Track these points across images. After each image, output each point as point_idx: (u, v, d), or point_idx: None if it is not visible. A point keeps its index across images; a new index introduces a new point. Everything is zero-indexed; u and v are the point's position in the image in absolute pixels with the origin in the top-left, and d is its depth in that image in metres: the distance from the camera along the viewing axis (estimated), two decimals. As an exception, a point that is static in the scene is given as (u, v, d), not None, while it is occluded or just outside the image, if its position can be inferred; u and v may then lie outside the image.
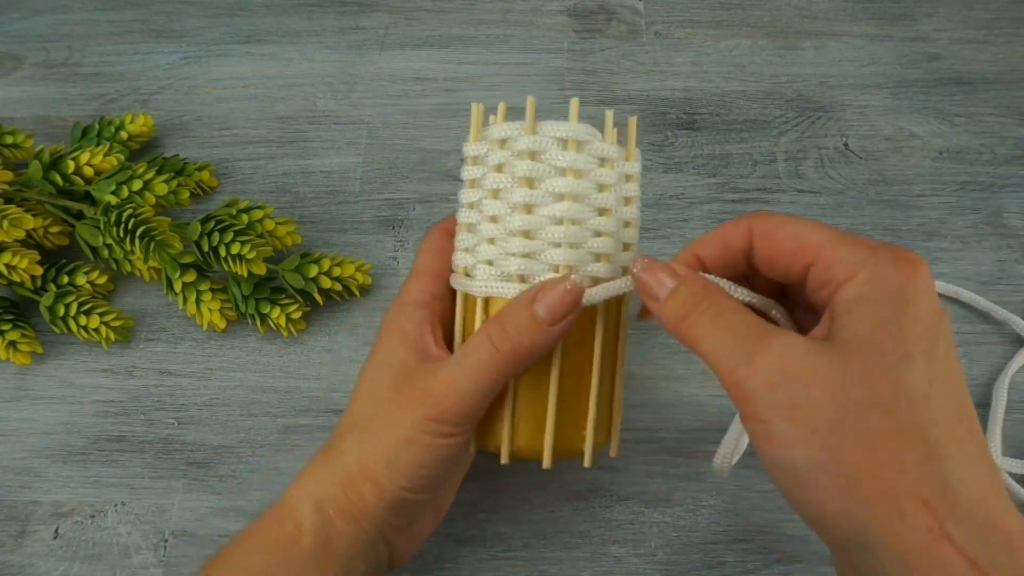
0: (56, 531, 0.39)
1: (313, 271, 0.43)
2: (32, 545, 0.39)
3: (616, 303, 0.32)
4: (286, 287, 0.44)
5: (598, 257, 0.30)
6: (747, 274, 0.30)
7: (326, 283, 0.43)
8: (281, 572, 0.29)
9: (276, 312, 0.43)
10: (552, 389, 0.30)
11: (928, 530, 0.22)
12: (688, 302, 0.27)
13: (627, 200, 0.31)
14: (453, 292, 0.33)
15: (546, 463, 0.31)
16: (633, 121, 0.32)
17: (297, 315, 0.43)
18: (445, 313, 0.33)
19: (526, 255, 0.30)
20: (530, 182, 0.30)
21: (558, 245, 0.30)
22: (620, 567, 0.37)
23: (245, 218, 0.44)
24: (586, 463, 0.31)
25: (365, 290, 0.46)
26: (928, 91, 0.53)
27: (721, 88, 0.54)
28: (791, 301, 0.31)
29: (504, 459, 0.31)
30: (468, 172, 0.32)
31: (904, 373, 0.23)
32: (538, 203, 0.30)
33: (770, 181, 0.49)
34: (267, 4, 0.60)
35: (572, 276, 0.29)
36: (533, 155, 0.30)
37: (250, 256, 0.41)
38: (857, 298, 0.24)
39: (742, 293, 0.28)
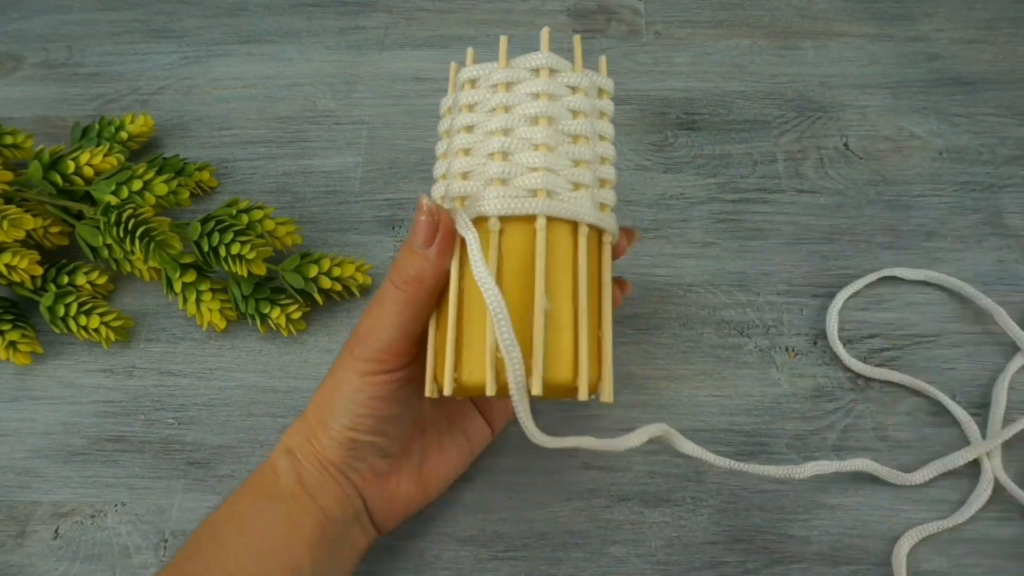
0: (56, 531, 0.39)
1: (313, 271, 0.43)
2: (32, 545, 0.39)
3: (596, 243, 0.31)
4: (286, 287, 0.44)
5: (576, 186, 0.30)
6: None
7: (326, 283, 0.43)
8: (264, 509, 0.33)
9: (276, 312, 0.43)
10: (539, 306, 0.28)
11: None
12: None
13: (602, 137, 0.32)
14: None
15: (535, 389, 0.28)
16: (603, 60, 0.33)
17: (297, 315, 0.43)
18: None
19: (503, 181, 0.30)
20: (505, 108, 0.30)
21: (535, 169, 0.30)
22: (620, 567, 0.37)
23: (245, 218, 0.44)
24: (581, 395, 0.29)
25: (365, 290, 0.46)
26: (928, 91, 0.53)
27: (721, 88, 0.54)
28: None
29: (490, 390, 0.28)
30: (442, 123, 0.33)
31: None
32: (514, 126, 0.30)
33: (770, 181, 0.49)
34: (267, 4, 0.60)
35: (422, 200, 0.30)
36: (508, 86, 0.31)
37: (250, 256, 0.41)
38: None
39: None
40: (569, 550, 0.38)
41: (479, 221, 0.30)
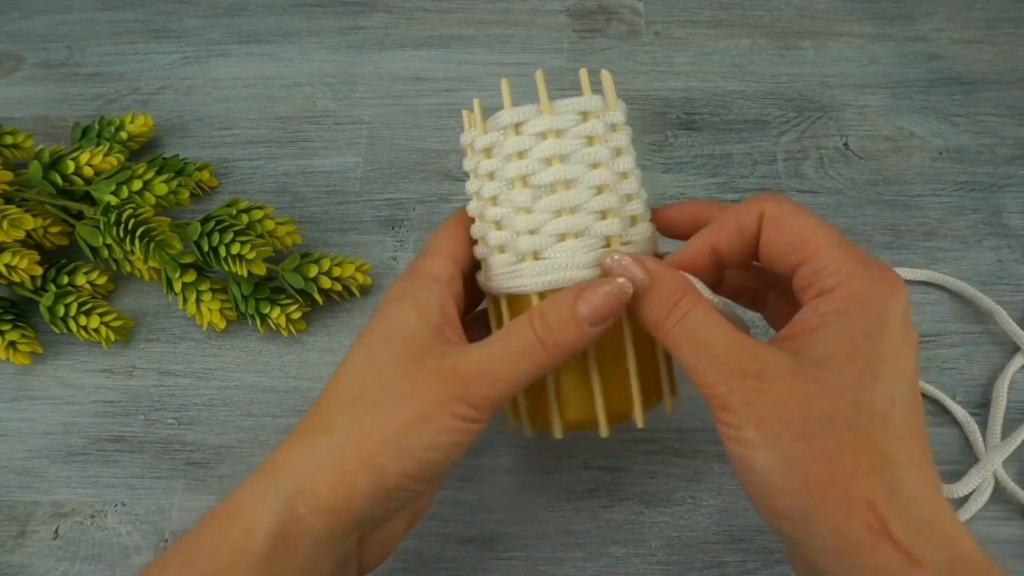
0: (56, 531, 0.39)
1: (313, 271, 0.43)
2: (32, 545, 0.39)
3: None
4: (286, 287, 0.44)
5: (603, 215, 0.30)
6: (750, 260, 0.30)
7: (326, 283, 0.43)
8: (227, 566, 0.25)
9: (276, 312, 0.43)
10: (592, 356, 0.30)
11: (869, 526, 0.24)
12: (658, 308, 0.28)
13: (624, 175, 0.31)
14: (466, 276, 0.32)
15: (603, 431, 0.31)
16: (607, 76, 0.32)
17: (297, 315, 0.43)
18: (459, 295, 0.31)
19: (532, 232, 0.30)
20: (523, 180, 0.30)
21: (558, 213, 0.30)
22: (620, 567, 0.37)
23: (245, 218, 0.44)
24: (639, 423, 0.31)
25: (365, 290, 0.46)
26: (928, 91, 0.53)
27: (721, 88, 0.54)
28: (766, 280, 0.33)
29: (557, 433, 0.31)
30: (469, 185, 0.33)
31: (869, 392, 0.25)
32: (534, 199, 0.30)
33: (770, 181, 0.49)
34: (267, 4, 0.60)
35: (620, 280, 0.28)
36: (521, 155, 0.30)
37: (250, 256, 0.41)
38: (836, 314, 0.26)
39: (707, 295, 0.29)
40: (569, 550, 0.38)
41: (518, 298, 0.31)
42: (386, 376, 0.27)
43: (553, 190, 0.30)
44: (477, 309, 0.35)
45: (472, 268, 0.33)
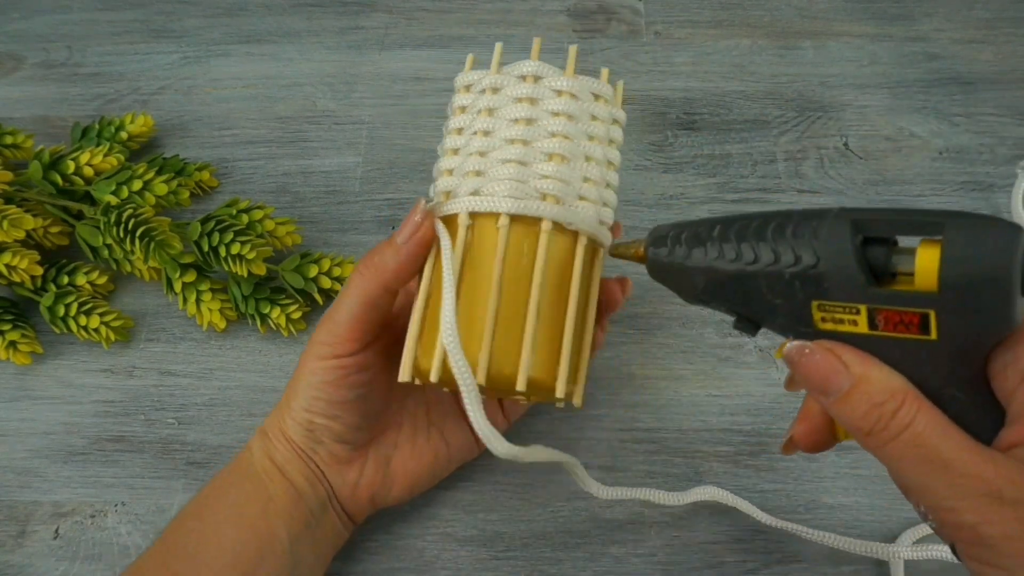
0: (56, 531, 0.39)
1: (313, 271, 0.43)
2: (32, 545, 0.39)
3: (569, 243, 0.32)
4: (286, 287, 0.44)
5: (582, 199, 0.32)
6: None
7: (326, 283, 0.43)
8: (240, 482, 0.35)
9: (276, 312, 0.43)
10: (533, 305, 0.30)
11: None
12: (870, 415, 0.23)
13: (609, 164, 0.33)
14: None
15: (479, 379, 0.29)
16: (620, 86, 0.35)
17: (297, 315, 0.43)
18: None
19: (519, 180, 0.31)
20: (528, 121, 0.31)
21: (547, 176, 0.31)
22: (620, 567, 0.37)
23: (245, 218, 0.44)
24: (558, 392, 0.30)
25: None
26: (928, 91, 0.53)
27: (721, 88, 0.54)
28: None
29: (433, 377, 0.30)
30: (453, 121, 0.33)
31: None
32: (533, 139, 0.31)
33: (770, 181, 0.49)
34: (267, 4, 0.60)
35: (422, 200, 0.31)
36: (532, 100, 0.32)
37: (250, 256, 0.41)
38: None
39: None
40: (569, 550, 0.38)
41: (451, 219, 0.31)
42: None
43: (552, 137, 0.31)
44: None
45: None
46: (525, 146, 0.31)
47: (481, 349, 0.29)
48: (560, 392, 0.30)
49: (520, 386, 0.29)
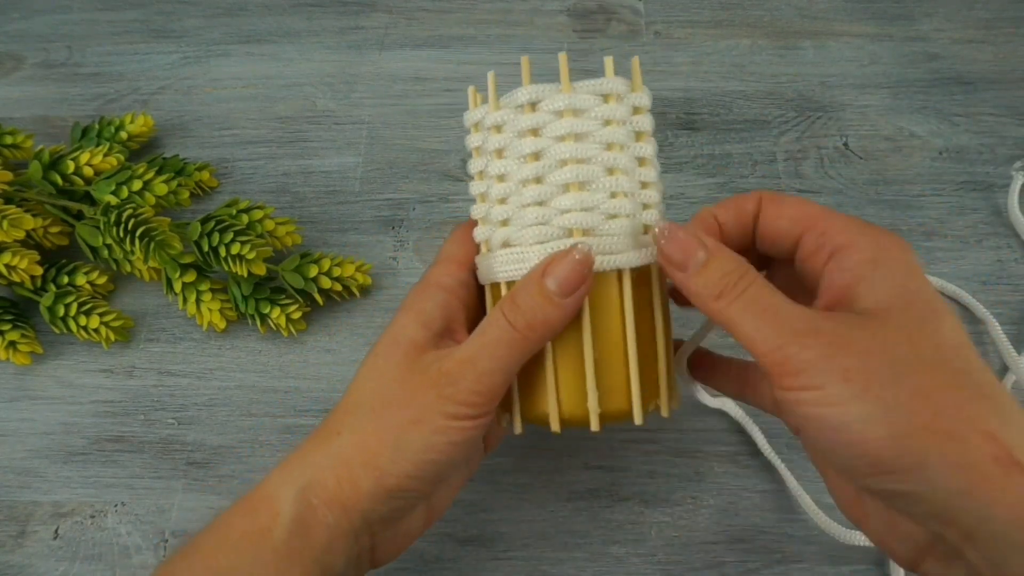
0: (56, 531, 0.39)
1: (313, 271, 0.43)
2: (32, 545, 0.39)
3: (646, 274, 0.31)
4: (286, 287, 0.44)
5: (614, 217, 0.30)
6: (747, 246, 0.30)
7: (326, 283, 0.43)
8: (250, 567, 0.27)
9: (276, 312, 0.43)
10: (588, 353, 0.29)
11: (994, 458, 0.22)
12: (721, 281, 0.27)
13: (641, 161, 0.31)
14: (474, 278, 0.32)
15: (594, 426, 0.29)
16: (636, 62, 0.32)
17: (297, 315, 0.43)
18: (470, 301, 0.32)
19: (541, 223, 0.30)
20: (535, 155, 0.30)
21: (567, 211, 0.29)
22: (620, 567, 0.37)
23: (245, 218, 0.44)
24: (636, 420, 0.30)
25: (365, 290, 0.46)
26: (928, 91, 0.53)
27: (721, 88, 0.54)
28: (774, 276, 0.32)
29: (555, 427, 0.30)
30: (473, 164, 0.32)
31: (939, 328, 0.24)
32: (545, 173, 0.30)
33: (770, 181, 0.49)
34: (267, 4, 0.60)
35: (579, 245, 0.28)
36: (535, 132, 0.30)
37: (250, 256, 0.41)
38: (866, 265, 0.26)
39: None
40: (569, 550, 0.38)
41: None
42: (386, 383, 0.29)
43: (563, 165, 0.30)
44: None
45: None
46: (540, 184, 0.30)
47: (589, 392, 0.29)
48: (638, 419, 0.30)
49: (594, 426, 0.30)
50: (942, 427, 0.23)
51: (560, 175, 0.29)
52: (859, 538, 0.36)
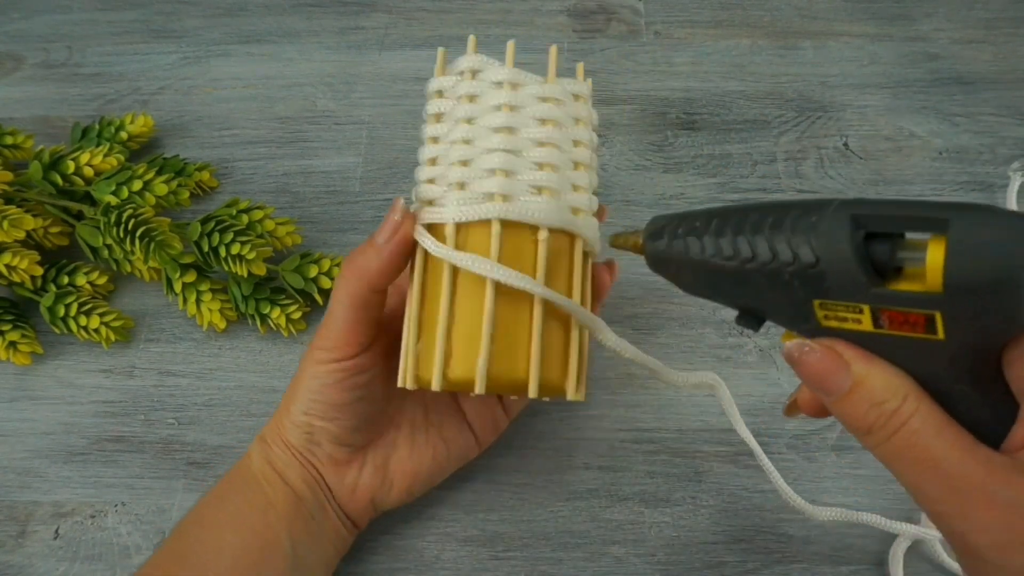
0: (56, 531, 0.39)
1: (313, 271, 0.43)
2: (32, 545, 0.39)
3: (567, 247, 0.32)
4: (286, 287, 0.44)
5: (539, 190, 0.31)
6: None
7: (326, 283, 0.43)
8: (240, 488, 0.35)
9: (276, 312, 0.43)
10: (488, 309, 0.29)
11: None
12: (869, 415, 0.22)
13: (576, 142, 0.32)
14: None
15: (479, 388, 0.29)
16: (580, 67, 0.34)
17: (297, 315, 0.43)
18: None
19: (461, 185, 0.30)
20: (469, 120, 0.31)
21: (540, 167, 0.31)
22: (620, 567, 0.37)
23: (245, 218, 0.44)
24: (531, 391, 0.29)
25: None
26: (928, 91, 0.53)
27: (721, 88, 0.54)
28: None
29: (436, 386, 0.29)
30: (433, 105, 0.33)
31: None
32: (475, 137, 0.31)
33: (770, 181, 0.49)
34: (267, 4, 0.60)
35: (399, 200, 0.31)
36: (472, 98, 0.31)
37: (250, 256, 0.41)
38: None
39: None
40: (569, 550, 0.38)
41: (438, 227, 0.31)
42: None
43: (494, 132, 0.31)
44: None
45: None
46: (510, 155, 0.30)
47: (480, 354, 0.29)
48: (571, 394, 0.30)
49: (532, 392, 0.29)
50: None
51: (489, 141, 0.31)
52: (828, 513, 0.35)
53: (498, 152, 0.30)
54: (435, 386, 0.29)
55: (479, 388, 0.29)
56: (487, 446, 0.38)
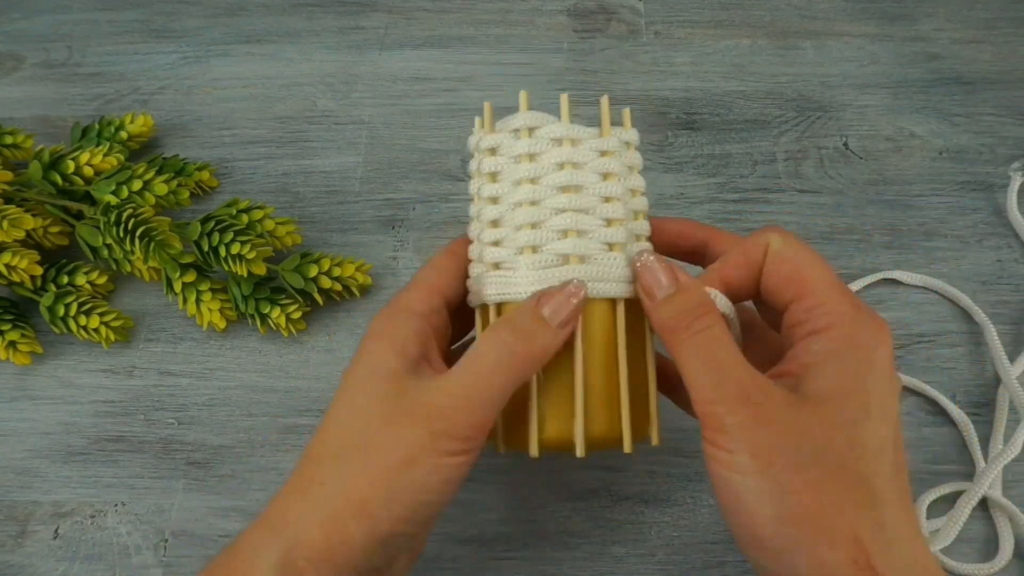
0: (56, 531, 0.39)
1: (313, 271, 0.43)
2: (32, 545, 0.39)
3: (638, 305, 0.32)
4: (286, 287, 0.44)
5: (610, 247, 0.31)
6: (754, 295, 0.31)
7: (326, 283, 0.43)
8: None
9: (276, 312, 0.43)
10: (578, 376, 0.29)
11: (854, 560, 0.24)
12: (680, 316, 0.28)
13: (634, 192, 0.32)
14: (452, 307, 0.32)
15: (580, 451, 0.29)
16: (627, 113, 0.33)
17: (297, 315, 0.43)
18: (442, 329, 0.31)
19: (534, 248, 0.30)
20: (532, 180, 0.30)
21: (564, 235, 0.30)
22: (620, 567, 0.37)
23: (245, 218, 0.44)
24: (626, 447, 0.30)
25: (365, 290, 0.46)
26: (928, 91, 0.53)
27: (721, 88, 0.54)
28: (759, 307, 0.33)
29: (533, 451, 0.30)
30: (474, 184, 0.32)
31: (862, 431, 0.25)
32: (541, 197, 0.30)
33: (770, 181, 0.49)
34: (267, 4, 0.60)
35: (575, 280, 0.29)
36: (532, 157, 0.31)
37: (250, 256, 0.41)
38: (829, 354, 0.26)
39: (722, 302, 0.29)
40: (569, 550, 0.38)
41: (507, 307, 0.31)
42: (369, 421, 0.27)
43: (561, 192, 0.30)
44: (466, 338, 0.35)
45: (461, 298, 0.32)
46: (534, 207, 0.30)
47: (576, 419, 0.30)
48: (628, 446, 0.30)
49: (579, 451, 0.30)
50: (820, 523, 0.24)
51: (557, 200, 0.30)
52: None
53: (568, 212, 0.30)
54: (533, 451, 0.30)
55: (579, 451, 0.30)
56: None
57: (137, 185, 0.43)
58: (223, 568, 0.26)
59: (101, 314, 0.43)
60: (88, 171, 0.45)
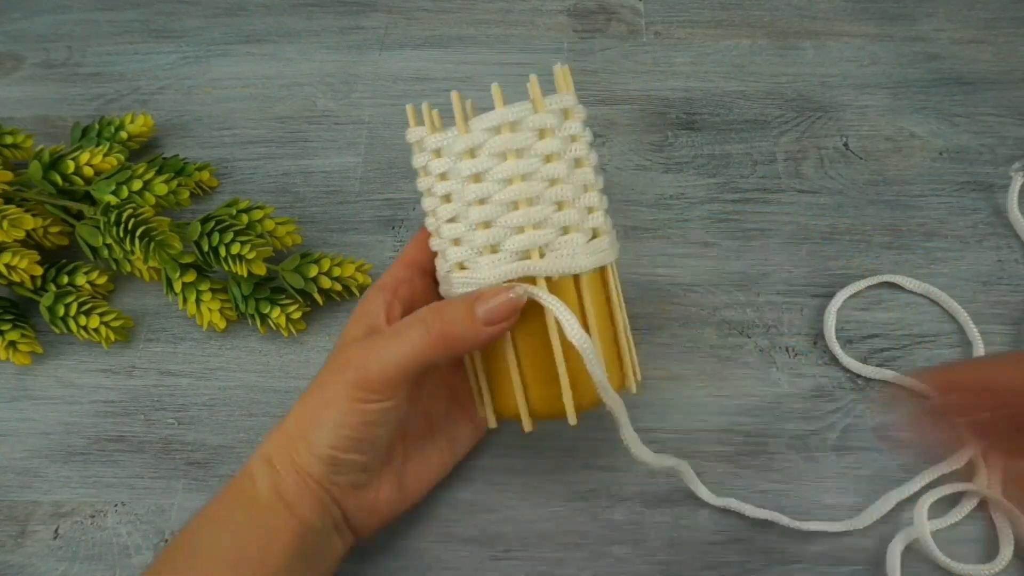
0: (56, 531, 0.39)
1: (313, 271, 0.43)
2: (32, 545, 0.39)
3: (600, 272, 0.34)
4: (286, 287, 0.44)
5: (565, 230, 0.31)
6: None
7: (326, 283, 0.43)
8: (240, 518, 0.32)
9: (276, 312, 0.43)
10: (558, 352, 0.32)
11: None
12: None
13: (579, 162, 0.32)
14: (421, 275, 0.36)
15: (572, 420, 0.32)
16: (561, 72, 0.33)
17: (297, 315, 0.43)
18: (410, 294, 0.35)
19: (493, 248, 0.31)
20: (477, 177, 0.31)
21: (520, 230, 0.31)
22: (620, 567, 0.37)
23: (245, 218, 0.44)
24: (571, 420, 0.33)
25: (365, 290, 0.46)
26: (928, 91, 0.53)
27: (721, 88, 0.54)
28: None
29: (527, 426, 0.33)
30: (421, 183, 0.34)
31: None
32: (490, 193, 0.31)
33: (770, 181, 0.49)
34: (267, 4, 0.60)
35: (516, 287, 0.31)
36: (472, 152, 0.31)
37: (250, 256, 0.41)
38: None
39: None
40: (569, 550, 0.38)
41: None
42: (320, 375, 0.34)
43: (508, 184, 0.31)
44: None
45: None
46: (485, 205, 0.31)
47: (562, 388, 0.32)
48: (634, 389, 0.34)
49: (572, 420, 0.33)
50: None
51: (506, 194, 0.31)
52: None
53: (522, 204, 0.31)
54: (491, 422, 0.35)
55: (571, 419, 0.32)
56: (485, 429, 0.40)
57: (137, 185, 0.43)
58: (235, 477, 0.33)
59: (101, 314, 0.43)
60: (88, 171, 0.45)
